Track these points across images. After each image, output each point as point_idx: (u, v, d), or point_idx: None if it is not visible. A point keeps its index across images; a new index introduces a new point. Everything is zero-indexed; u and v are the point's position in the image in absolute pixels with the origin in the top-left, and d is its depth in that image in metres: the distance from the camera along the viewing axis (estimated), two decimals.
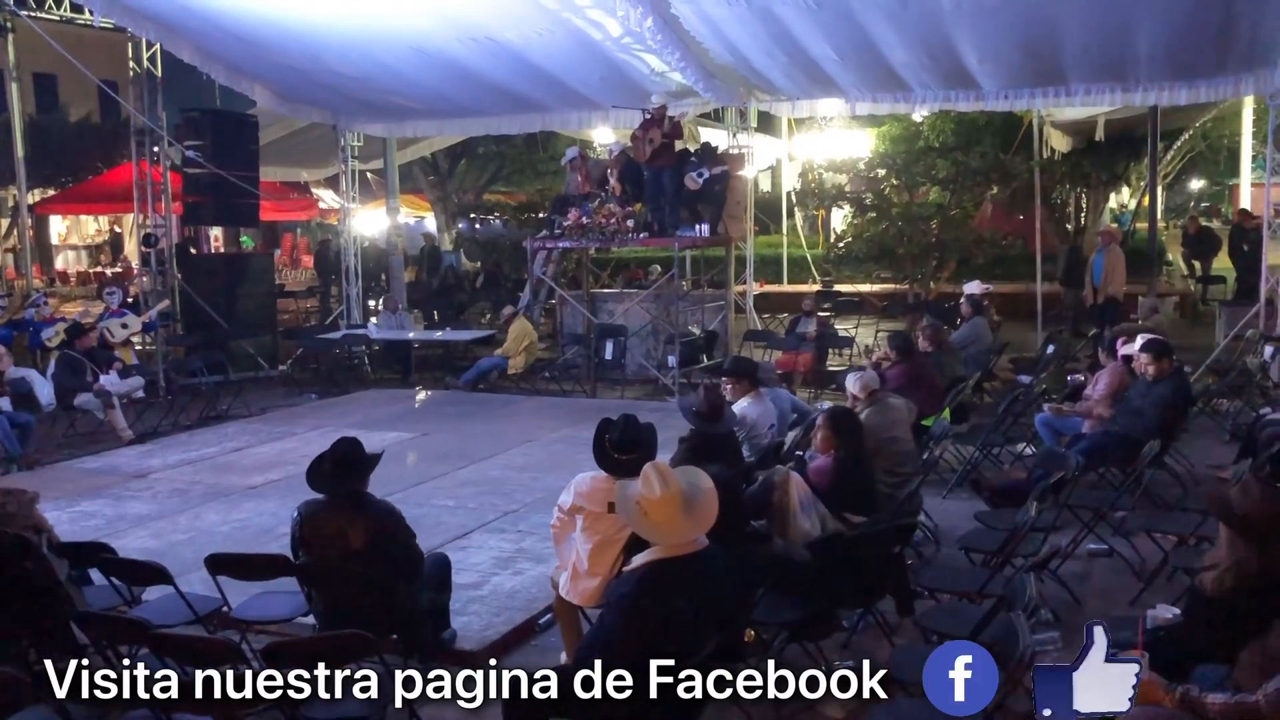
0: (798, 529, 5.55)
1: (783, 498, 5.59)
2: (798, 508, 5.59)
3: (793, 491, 5.61)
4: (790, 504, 5.58)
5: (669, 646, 3.59)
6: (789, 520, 5.57)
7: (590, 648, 3.67)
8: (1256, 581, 3.83)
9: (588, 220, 12.48)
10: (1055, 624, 5.56)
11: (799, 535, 5.51)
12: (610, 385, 13.12)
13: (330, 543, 4.84)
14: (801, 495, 5.63)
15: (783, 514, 5.58)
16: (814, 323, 13.42)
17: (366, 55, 12.47)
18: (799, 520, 5.58)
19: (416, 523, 5.41)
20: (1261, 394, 10.72)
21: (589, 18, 11.14)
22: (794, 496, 5.60)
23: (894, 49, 11.34)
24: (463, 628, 5.54)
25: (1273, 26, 10.07)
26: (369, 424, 10.71)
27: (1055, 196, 21.97)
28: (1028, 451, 8.76)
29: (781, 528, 5.57)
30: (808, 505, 5.63)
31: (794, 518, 5.57)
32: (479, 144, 23.23)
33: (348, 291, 16.27)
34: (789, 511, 5.57)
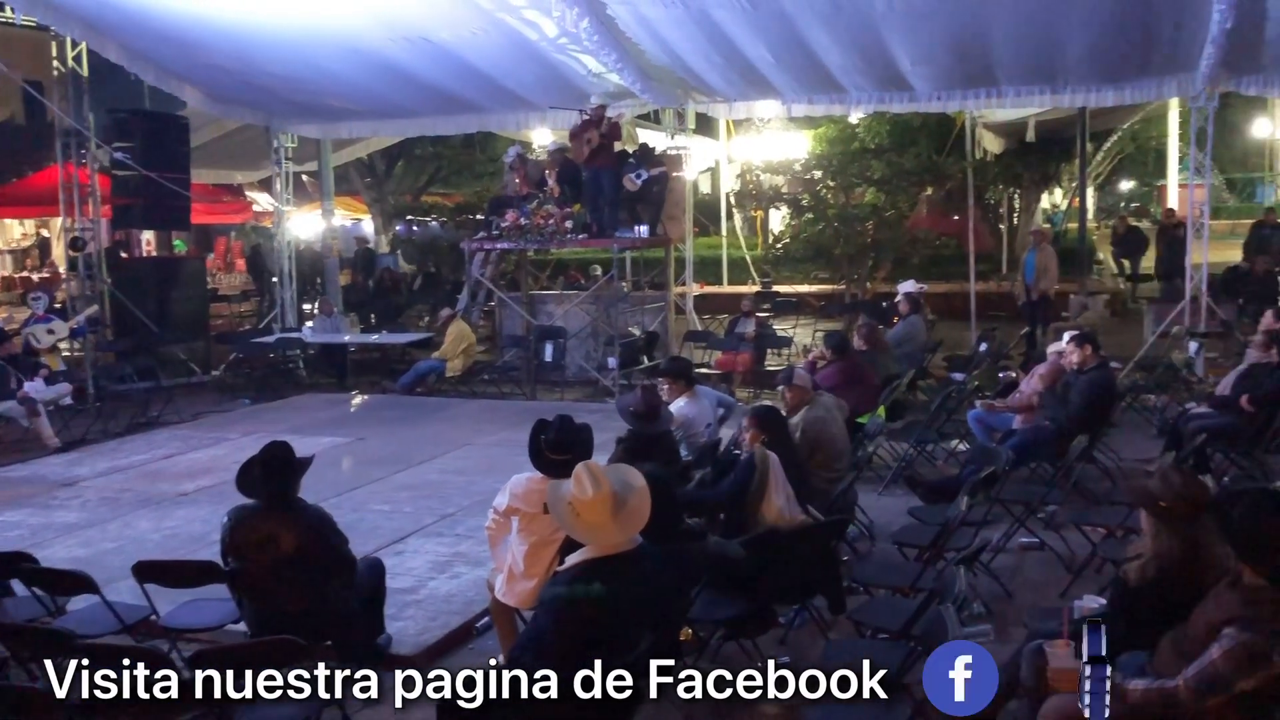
0: (774, 506, 5.58)
1: (764, 476, 5.62)
2: (776, 484, 5.63)
3: (773, 468, 5.65)
4: (771, 479, 5.61)
5: (603, 646, 3.59)
6: (769, 497, 5.59)
7: (523, 648, 3.65)
8: (1178, 570, 3.91)
9: (526, 221, 12.45)
10: (987, 616, 5.65)
11: (774, 513, 5.56)
12: (550, 387, 13.08)
13: (260, 548, 4.76)
14: (778, 473, 5.67)
15: (763, 490, 5.60)
16: (753, 323, 13.50)
17: (299, 55, 12.33)
18: (776, 497, 5.61)
19: (351, 528, 5.36)
20: (1187, 389, 10.98)
21: (524, 18, 11.12)
22: (775, 472, 5.64)
23: (828, 51, 11.45)
24: (398, 633, 5.49)
25: (1193, 32, 10.32)
26: (304, 429, 10.56)
27: (988, 197, 22.34)
28: (961, 448, 8.89)
29: (760, 505, 5.58)
30: (782, 483, 5.68)
31: (773, 494, 5.60)
32: (416, 145, 23.04)
33: (282, 295, 16.04)
34: (770, 487, 5.59)
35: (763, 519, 5.50)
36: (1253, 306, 14.16)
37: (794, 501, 5.70)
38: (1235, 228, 24.94)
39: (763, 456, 5.67)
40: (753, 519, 5.52)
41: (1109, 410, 8.36)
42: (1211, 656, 3.33)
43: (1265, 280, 15.34)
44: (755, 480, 5.58)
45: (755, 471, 5.59)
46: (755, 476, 5.59)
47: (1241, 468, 8.20)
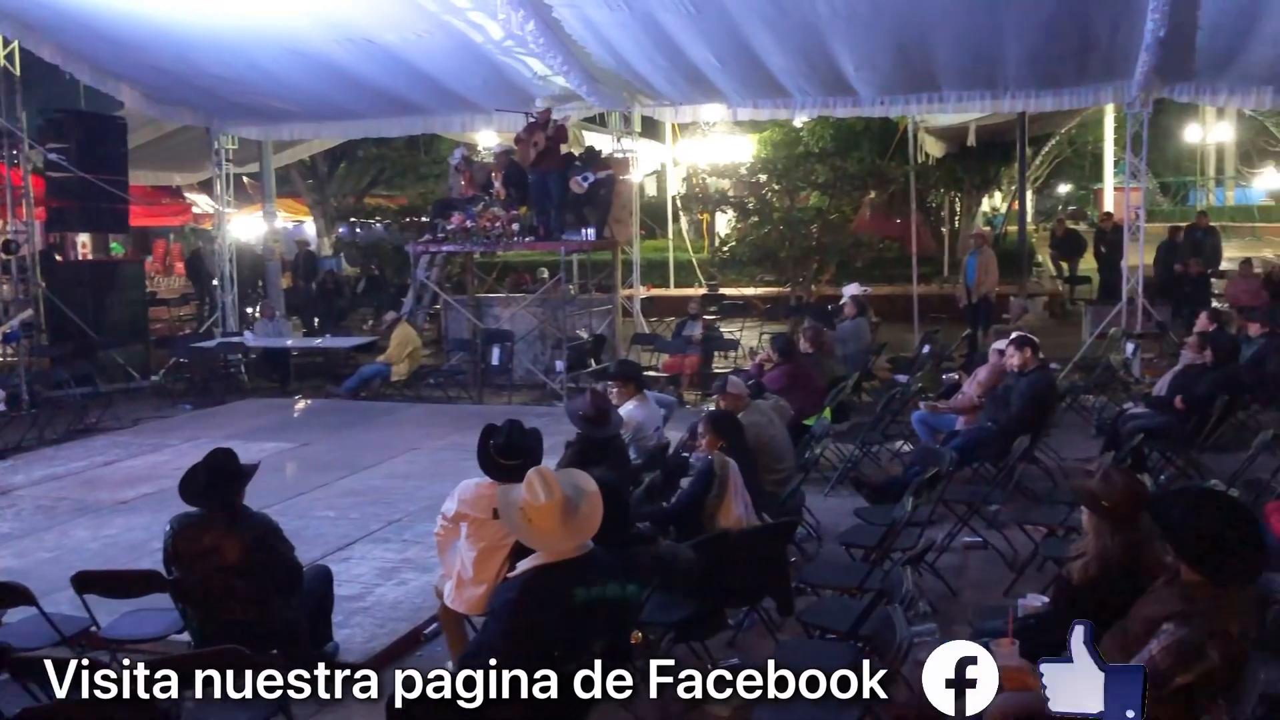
0: (733, 513, 5.60)
1: (723, 483, 5.64)
2: (736, 491, 5.65)
3: (732, 474, 5.67)
4: (731, 486, 5.63)
5: (554, 652, 3.58)
6: (729, 504, 5.61)
7: (474, 655, 3.62)
8: (1119, 568, 3.99)
9: (472, 224, 12.38)
10: (933, 615, 5.71)
11: (733, 520, 5.58)
12: (497, 391, 13.03)
13: (204, 557, 4.69)
14: (737, 479, 5.69)
15: (723, 497, 5.62)
16: (700, 326, 13.55)
17: (240, 56, 12.16)
18: (736, 504, 5.63)
19: (296, 535, 5.30)
20: (1124, 389, 11.20)
21: (470, 20, 11.07)
22: (734, 479, 5.66)
23: (773, 56, 11.53)
24: (345, 640, 5.44)
25: (1128, 41, 10.54)
26: (246, 434, 10.42)
27: (930, 200, 22.66)
28: (905, 449, 8.98)
29: (719, 512, 5.60)
30: (741, 490, 5.70)
31: (733, 501, 5.62)
32: (359, 147, 22.80)
33: (223, 298, 15.82)
34: (730, 494, 5.61)
35: (720, 526, 5.52)
36: (1187, 308, 14.51)
37: (751, 509, 5.73)
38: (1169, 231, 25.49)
39: (722, 463, 5.69)
40: (710, 526, 5.54)
41: (1049, 411, 8.50)
42: (1151, 652, 3.40)
43: (1198, 282, 15.72)
44: (715, 487, 5.60)
45: (714, 479, 5.61)
46: (715, 484, 5.60)
47: (1177, 466, 8.39)
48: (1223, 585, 3.45)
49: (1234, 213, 37.32)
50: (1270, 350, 9.80)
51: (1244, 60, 10.83)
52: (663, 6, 10.41)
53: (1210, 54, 10.75)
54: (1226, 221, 32.65)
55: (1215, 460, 8.14)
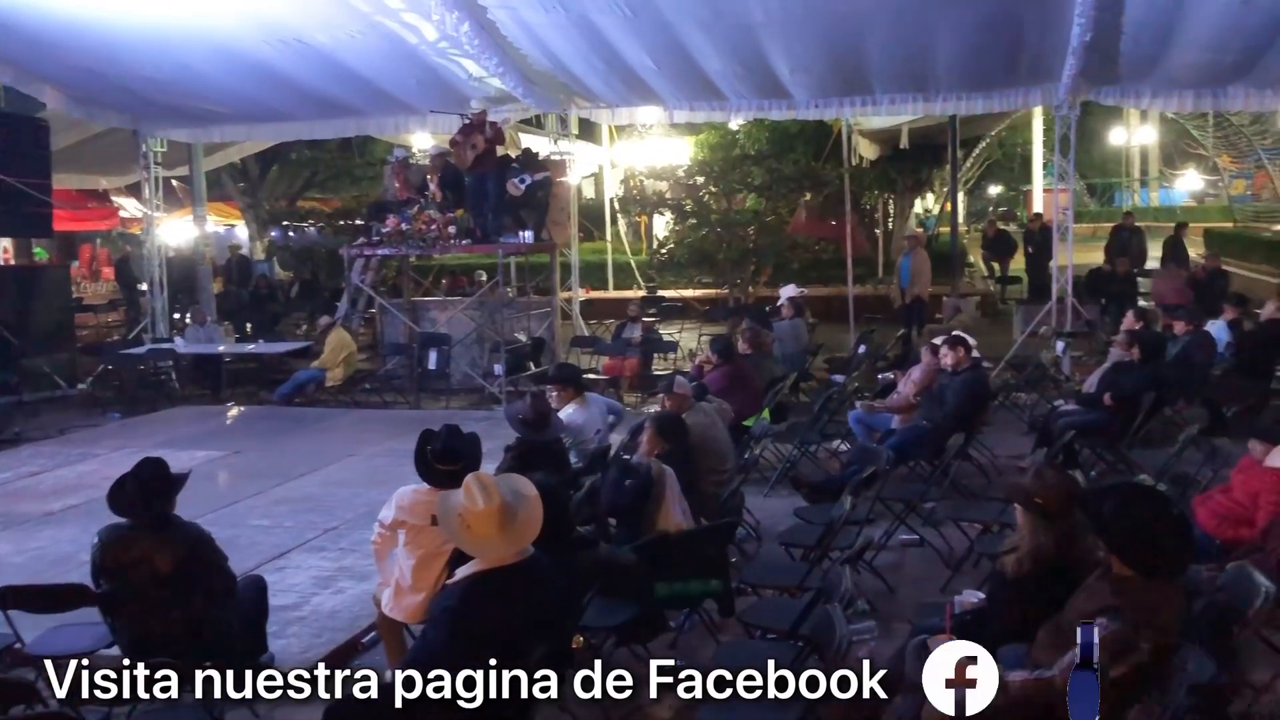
0: (671, 519, 5.60)
1: (660, 490, 5.63)
2: (673, 498, 5.65)
3: (669, 482, 5.67)
4: (668, 494, 5.63)
5: (494, 659, 3.55)
6: (666, 510, 5.60)
7: (413, 664, 3.57)
8: (1052, 563, 4.05)
9: (407, 227, 12.25)
10: (871, 613, 5.76)
11: (673, 523, 5.58)
12: (435, 395, 12.92)
13: (134, 569, 4.59)
14: (673, 486, 5.69)
15: (660, 503, 5.61)
16: (639, 328, 13.55)
17: (168, 57, 11.91)
18: (674, 511, 5.62)
19: (230, 544, 5.21)
20: (1055, 387, 11.40)
21: (404, 21, 10.96)
22: (670, 486, 5.66)
23: (709, 59, 11.57)
24: (281, 651, 5.35)
25: (1055, 44, 10.75)
26: (177, 443, 10.22)
27: (864, 202, 22.91)
28: (843, 448, 9.06)
29: (657, 517, 5.59)
30: (678, 496, 5.70)
31: (670, 507, 5.61)
32: (291, 149, 22.53)
33: (153, 304, 15.49)
34: (667, 501, 5.61)
35: (658, 531, 5.53)
36: (1115, 306, 14.83)
37: (689, 515, 5.73)
38: (1096, 231, 26.08)
39: (659, 471, 5.69)
40: (648, 530, 5.54)
41: (983, 409, 8.64)
42: None
43: (1126, 281, 16.06)
44: (651, 497, 5.61)
45: (653, 485, 5.61)
46: (653, 490, 5.61)
47: (1107, 462, 8.57)
48: (1152, 578, 3.52)
49: (1158, 213, 38.28)
50: (1195, 347, 10.04)
51: (1166, 65, 11.10)
52: (598, 9, 10.40)
53: (1134, 58, 11.00)
54: (1151, 222, 33.47)
55: (1144, 455, 8.30)
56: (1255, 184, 33.65)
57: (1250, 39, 10.24)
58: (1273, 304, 11.35)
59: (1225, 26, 9.95)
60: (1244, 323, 11.14)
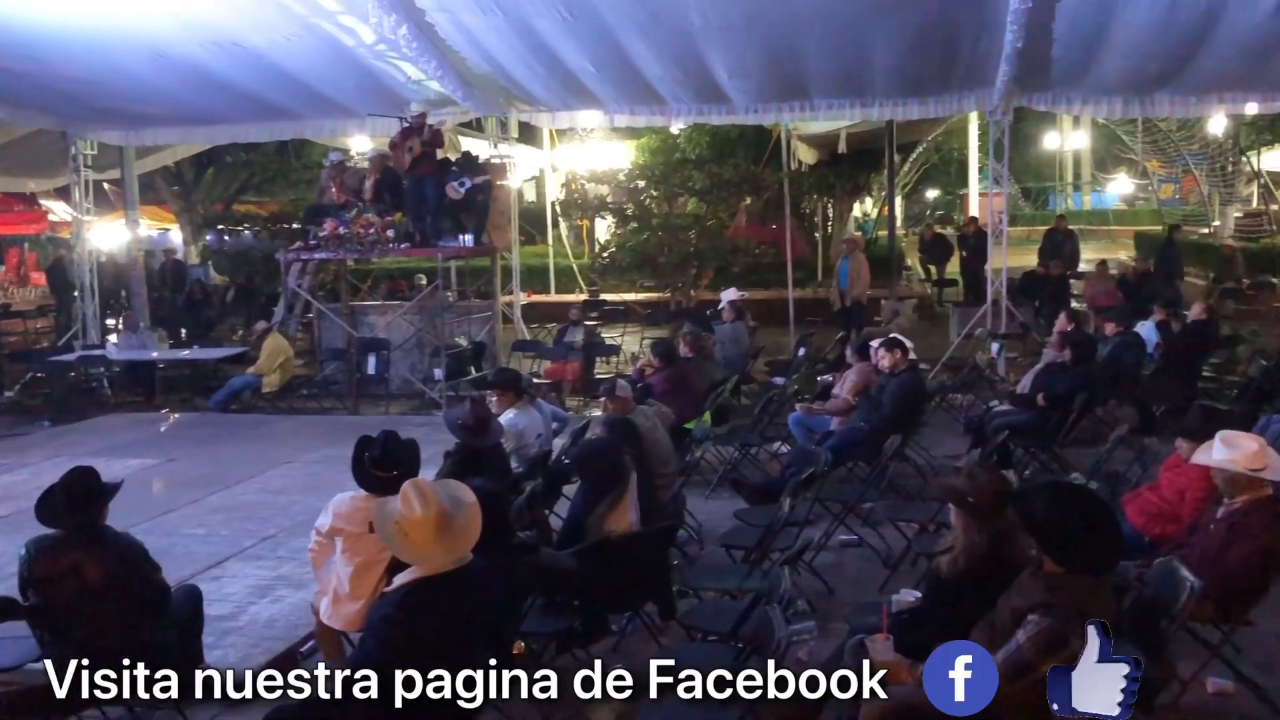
0: (626, 520, 5.58)
1: (623, 490, 5.60)
2: (631, 500, 5.63)
3: (631, 485, 5.65)
4: (629, 495, 5.61)
5: (433, 666, 3.52)
6: (624, 510, 5.58)
7: (351, 672, 3.54)
8: (986, 561, 4.11)
9: (345, 231, 12.12)
10: (811, 614, 5.82)
11: (624, 524, 5.55)
12: (374, 401, 12.79)
13: (64, 581, 4.48)
14: (634, 489, 5.68)
15: (619, 502, 5.58)
16: (581, 332, 13.54)
17: (99, 58, 11.65)
18: (631, 511, 5.61)
19: (164, 554, 5.12)
20: (990, 388, 11.59)
21: (340, 23, 10.84)
22: (632, 488, 5.64)
23: (648, 63, 11.60)
24: (218, 662, 5.24)
25: (989, 51, 10.94)
26: (109, 451, 10.03)
27: (804, 206, 23.10)
28: (783, 450, 9.13)
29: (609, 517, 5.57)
30: (635, 499, 5.69)
31: (628, 508, 5.60)
32: (226, 152, 22.20)
33: (84, 310, 15.17)
34: (627, 501, 5.59)
35: (611, 531, 5.51)
36: (1048, 308, 15.11)
37: (638, 519, 5.73)
38: (1031, 234, 26.56)
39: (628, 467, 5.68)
40: (599, 531, 5.52)
41: (919, 410, 8.75)
42: (1018, 642, 3.52)
43: (1059, 283, 16.38)
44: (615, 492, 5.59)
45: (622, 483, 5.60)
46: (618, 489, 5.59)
47: (1040, 461, 8.73)
48: (1082, 575, 3.59)
49: (1090, 216, 39.14)
50: (1125, 348, 10.27)
51: (1096, 71, 11.35)
52: (537, 13, 10.37)
53: (1065, 65, 11.23)
54: (1084, 225, 34.19)
55: (1075, 455, 8.49)
56: (1183, 188, 34.55)
57: (1174, 48, 10.50)
58: (1200, 306, 11.66)
59: (1150, 35, 10.19)
60: (1172, 324, 11.41)
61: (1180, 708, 4.70)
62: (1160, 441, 7.74)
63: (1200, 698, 4.78)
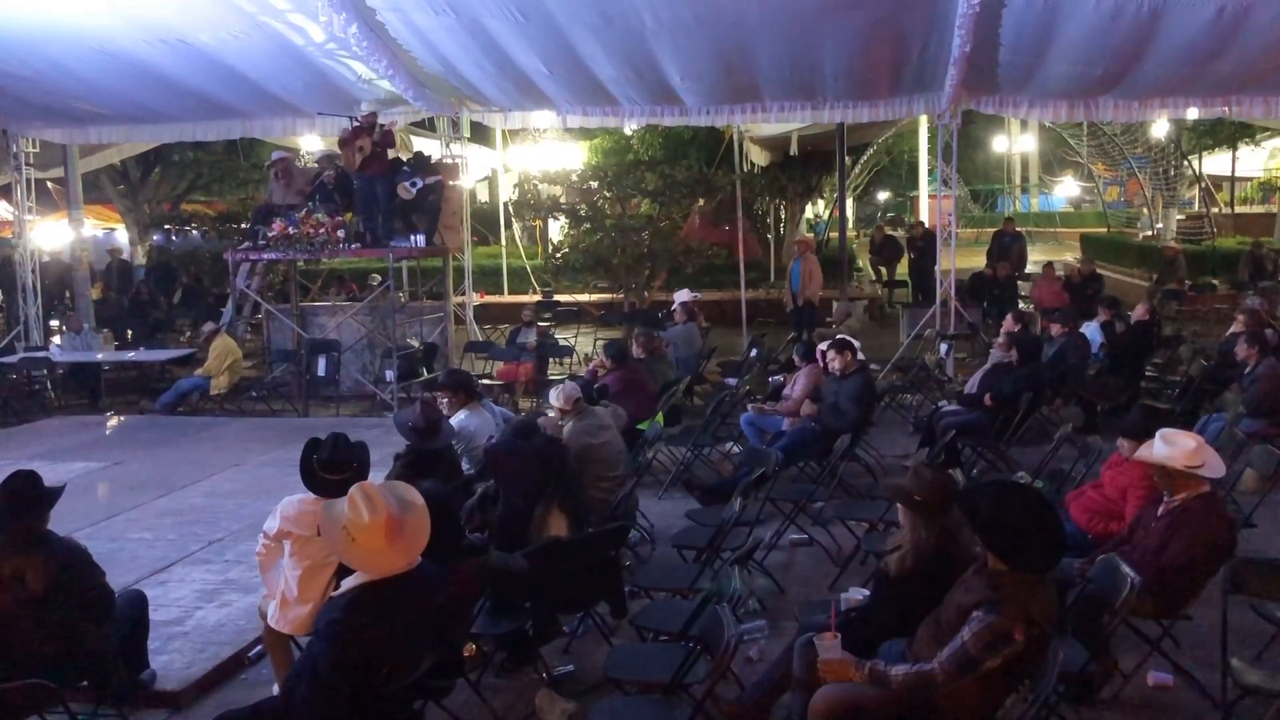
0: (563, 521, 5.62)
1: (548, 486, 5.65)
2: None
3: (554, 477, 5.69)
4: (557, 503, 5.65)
5: (382, 670, 3.51)
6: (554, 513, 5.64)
7: (299, 677, 3.51)
8: (933, 559, 4.17)
9: (294, 231, 11.99)
10: (761, 612, 5.86)
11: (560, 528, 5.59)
12: (324, 403, 12.67)
13: (5, 587, 4.40)
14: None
15: (549, 507, 5.65)
16: (534, 333, 13.51)
17: (39, 55, 11.44)
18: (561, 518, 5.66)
19: (109, 558, 5.06)
20: (939, 388, 11.72)
21: (290, 22, 10.72)
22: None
23: (601, 64, 11.60)
24: (163, 667, 5.20)
25: (937, 56, 11.06)
26: (53, 455, 9.89)
27: (756, 208, 23.22)
28: (735, 450, 9.17)
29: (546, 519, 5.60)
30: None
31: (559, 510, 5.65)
32: (174, 151, 21.92)
33: (25, 311, 14.89)
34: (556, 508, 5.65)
35: (548, 532, 5.53)
36: (996, 309, 15.32)
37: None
38: (979, 236, 26.88)
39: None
40: (537, 533, 5.53)
41: (869, 410, 8.84)
42: (963, 638, 3.57)
43: (1006, 284, 16.61)
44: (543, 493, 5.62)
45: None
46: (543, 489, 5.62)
47: (987, 460, 8.85)
48: (1026, 572, 3.65)
49: (1037, 218, 39.70)
50: (1070, 349, 10.43)
51: (1041, 76, 11.51)
52: (489, 13, 10.33)
53: (1011, 69, 11.38)
54: (1031, 227, 34.69)
55: (1021, 453, 8.62)
56: (1128, 191, 35.14)
57: (1117, 53, 10.69)
58: (1143, 306, 11.88)
59: (1095, 41, 10.36)
60: (1116, 325, 11.61)
61: (1122, 701, 4.80)
62: (1104, 440, 7.88)
63: (1141, 691, 4.87)
